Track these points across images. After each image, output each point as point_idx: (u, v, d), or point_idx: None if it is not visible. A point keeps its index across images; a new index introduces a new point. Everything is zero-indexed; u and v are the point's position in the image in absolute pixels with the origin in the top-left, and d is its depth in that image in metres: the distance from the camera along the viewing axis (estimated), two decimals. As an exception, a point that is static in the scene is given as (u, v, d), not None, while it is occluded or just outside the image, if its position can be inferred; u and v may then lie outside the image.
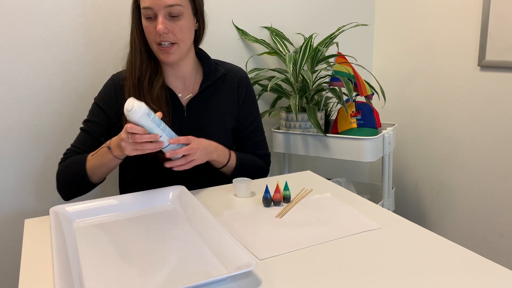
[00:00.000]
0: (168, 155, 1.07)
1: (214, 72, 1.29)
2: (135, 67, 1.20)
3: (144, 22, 1.16)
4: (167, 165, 1.10)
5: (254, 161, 1.35)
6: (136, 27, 1.20)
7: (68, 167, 1.18)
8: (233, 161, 1.27)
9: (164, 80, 1.24)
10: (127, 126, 0.97)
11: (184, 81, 1.28)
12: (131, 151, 1.00)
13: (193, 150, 1.10)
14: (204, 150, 1.14)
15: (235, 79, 1.32)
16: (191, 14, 1.19)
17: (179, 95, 1.26)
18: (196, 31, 1.25)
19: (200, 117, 1.26)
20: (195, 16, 1.22)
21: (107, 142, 1.09)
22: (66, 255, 0.80)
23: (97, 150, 1.13)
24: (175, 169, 1.10)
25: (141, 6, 1.15)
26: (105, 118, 1.23)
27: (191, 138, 1.12)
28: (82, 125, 1.25)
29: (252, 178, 1.22)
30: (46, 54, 1.47)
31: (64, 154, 1.23)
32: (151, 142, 1.00)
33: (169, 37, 1.15)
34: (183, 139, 1.08)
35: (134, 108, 0.94)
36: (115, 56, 1.56)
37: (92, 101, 1.28)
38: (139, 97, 1.19)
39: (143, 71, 1.20)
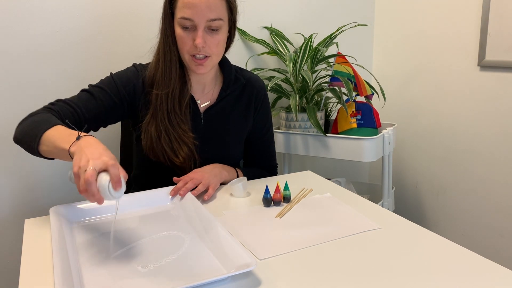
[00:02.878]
0: (181, 193, 1.07)
1: (234, 82, 1.26)
2: (170, 77, 1.15)
3: (179, 31, 1.11)
4: (205, 198, 1.10)
5: (260, 174, 1.34)
6: (170, 34, 1.13)
7: (36, 119, 1.02)
8: (241, 176, 1.27)
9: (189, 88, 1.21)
10: (90, 179, 0.78)
11: (204, 88, 1.25)
12: (75, 173, 0.82)
13: (197, 180, 1.11)
14: (211, 173, 1.15)
15: (253, 90, 1.29)
16: (227, 28, 1.15)
17: (198, 101, 1.24)
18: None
19: (216, 125, 1.25)
20: (229, 29, 1.18)
21: (83, 133, 0.91)
22: (66, 255, 0.79)
23: (69, 128, 0.96)
24: (205, 198, 1.10)
25: (179, 16, 1.09)
26: (115, 95, 1.15)
27: (189, 174, 1.13)
28: (85, 88, 1.16)
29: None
30: (46, 53, 1.47)
31: (52, 104, 1.10)
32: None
33: (205, 50, 1.11)
34: (180, 182, 1.09)
35: (116, 194, 0.81)
36: (116, 56, 1.57)
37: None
38: (170, 108, 1.15)
39: (176, 81, 1.16)
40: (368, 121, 1.69)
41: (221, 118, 1.25)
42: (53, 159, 0.99)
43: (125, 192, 1.20)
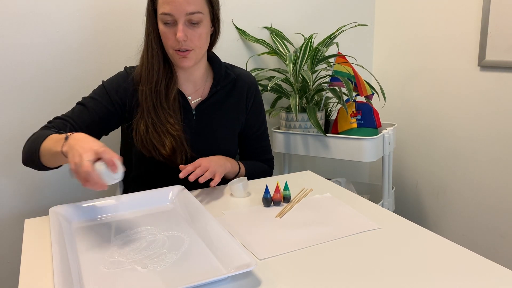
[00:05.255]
0: (191, 178, 1.10)
1: (224, 77, 1.28)
2: (153, 72, 1.18)
3: (162, 27, 1.14)
4: (212, 185, 1.12)
5: (260, 167, 1.36)
6: (153, 31, 1.17)
7: (34, 137, 1.08)
8: (243, 170, 1.28)
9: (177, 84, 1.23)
10: (87, 169, 0.83)
11: (195, 84, 1.27)
12: (74, 170, 0.86)
13: (204, 167, 1.12)
14: (217, 163, 1.16)
15: (244, 85, 1.31)
16: (209, 21, 1.18)
17: (189, 97, 1.26)
18: (211, 35, 1.23)
19: (208, 121, 1.26)
20: (212, 22, 1.20)
21: (70, 133, 0.95)
22: (66, 255, 0.80)
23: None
24: (212, 185, 1.12)
25: (160, 12, 1.13)
26: (108, 102, 1.19)
27: (199, 160, 1.14)
28: (80, 100, 1.20)
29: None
30: (46, 54, 1.47)
31: (49, 122, 1.15)
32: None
33: (187, 44, 1.14)
34: (190, 166, 1.11)
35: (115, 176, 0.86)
36: (116, 56, 1.57)
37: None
38: (156, 103, 1.18)
39: (160, 75, 1.19)
40: (368, 121, 1.69)
41: (213, 113, 1.27)
42: (60, 166, 1.07)
43: (125, 192, 1.20)
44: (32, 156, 1.05)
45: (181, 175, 1.09)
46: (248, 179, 1.23)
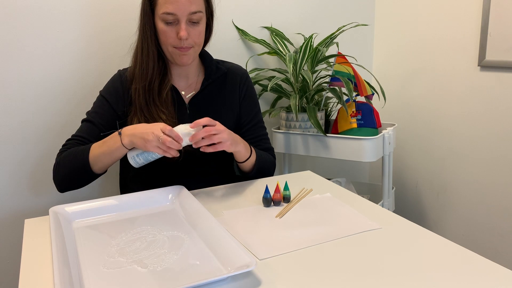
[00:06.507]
0: (190, 139, 1.05)
1: (215, 71, 1.32)
2: (147, 70, 1.20)
3: (162, 26, 1.16)
4: (194, 145, 1.07)
5: (267, 155, 1.35)
6: (149, 30, 1.19)
7: (69, 158, 1.14)
8: (254, 155, 1.26)
9: (170, 80, 1.26)
10: (167, 128, 1.02)
11: (187, 80, 1.30)
12: (152, 147, 1.02)
13: (219, 131, 1.07)
14: (230, 135, 1.12)
15: (236, 77, 1.34)
16: (205, 19, 1.22)
17: (182, 93, 1.29)
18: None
19: (202, 114, 1.27)
20: (207, 20, 1.24)
21: (120, 130, 1.09)
22: (66, 255, 0.80)
23: (107, 137, 1.12)
24: (203, 149, 1.08)
25: (161, 11, 1.15)
26: (110, 111, 1.23)
27: (216, 121, 1.09)
28: (85, 117, 1.25)
29: (266, 175, 1.28)
30: (45, 54, 1.46)
31: (64, 145, 1.20)
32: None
33: (188, 42, 1.17)
34: (204, 120, 1.06)
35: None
36: (115, 56, 1.56)
37: (88, 103, 1.28)
38: (149, 100, 1.20)
39: (154, 74, 1.21)
40: (368, 121, 1.69)
41: (206, 107, 1.29)
42: (105, 172, 1.18)
43: (123, 192, 1.20)
44: (81, 172, 1.12)
45: (192, 125, 1.05)
46: (258, 169, 1.25)
